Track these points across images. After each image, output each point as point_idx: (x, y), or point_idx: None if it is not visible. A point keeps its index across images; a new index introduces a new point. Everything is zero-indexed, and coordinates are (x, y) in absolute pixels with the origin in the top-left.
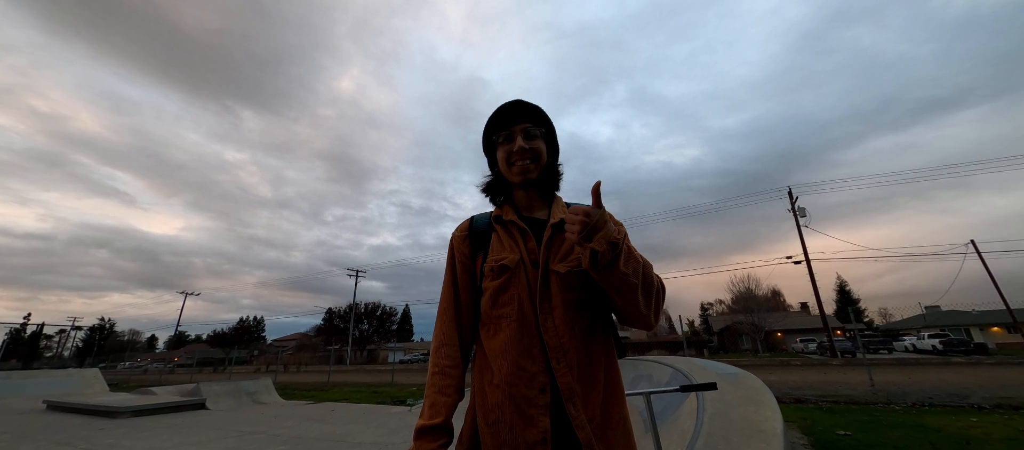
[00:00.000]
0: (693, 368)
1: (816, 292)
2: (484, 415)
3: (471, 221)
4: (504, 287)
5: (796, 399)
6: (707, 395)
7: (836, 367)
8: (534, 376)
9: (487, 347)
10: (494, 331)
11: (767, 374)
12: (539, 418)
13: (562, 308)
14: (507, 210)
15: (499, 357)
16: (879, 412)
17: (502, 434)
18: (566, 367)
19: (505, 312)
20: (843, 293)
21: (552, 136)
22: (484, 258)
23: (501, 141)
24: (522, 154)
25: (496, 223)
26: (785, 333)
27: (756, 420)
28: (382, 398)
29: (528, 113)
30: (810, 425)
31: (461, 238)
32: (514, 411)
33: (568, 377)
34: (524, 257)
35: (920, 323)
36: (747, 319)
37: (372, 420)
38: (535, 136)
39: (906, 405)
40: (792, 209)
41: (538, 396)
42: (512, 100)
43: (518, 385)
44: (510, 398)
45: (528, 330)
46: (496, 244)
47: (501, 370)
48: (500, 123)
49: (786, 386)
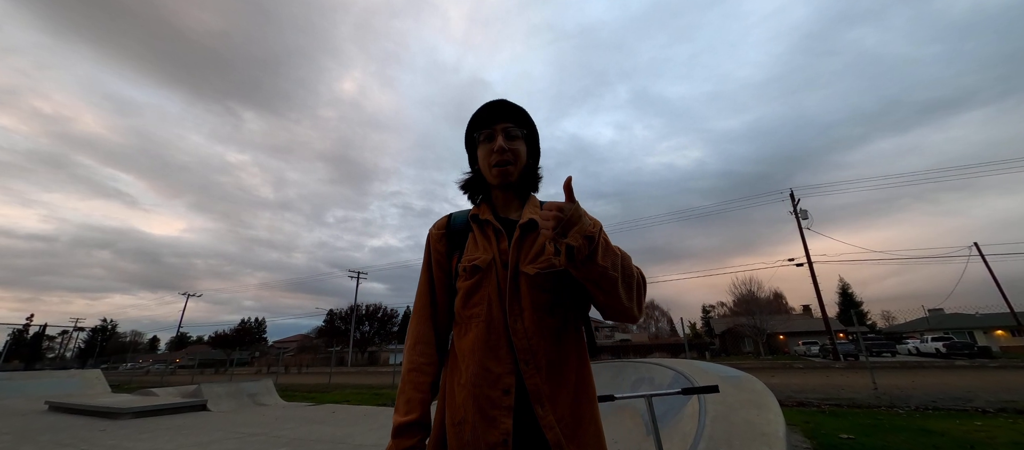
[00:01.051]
0: (695, 371)
1: (818, 294)
2: (451, 415)
3: (449, 219)
4: (475, 288)
5: (798, 402)
6: (709, 398)
7: (839, 370)
8: (499, 377)
9: (457, 347)
10: (464, 331)
11: (769, 377)
12: (501, 419)
13: (531, 310)
14: (484, 209)
15: (467, 358)
16: (882, 416)
17: (465, 435)
18: (534, 368)
19: (475, 312)
20: (846, 296)
21: (534, 138)
22: (459, 257)
23: (482, 139)
24: (501, 154)
25: (473, 221)
26: (787, 336)
27: (758, 423)
28: (383, 400)
29: (510, 113)
30: (813, 428)
31: (438, 236)
32: (477, 412)
33: (536, 379)
34: (496, 258)
35: (923, 326)
36: (749, 321)
37: (373, 422)
38: (516, 137)
39: (909, 409)
40: (794, 211)
41: (502, 397)
42: (495, 99)
43: (482, 386)
44: (474, 399)
45: (496, 331)
46: (471, 244)
47: (468, 370)
48: (482, 121)
49: (788, 389)
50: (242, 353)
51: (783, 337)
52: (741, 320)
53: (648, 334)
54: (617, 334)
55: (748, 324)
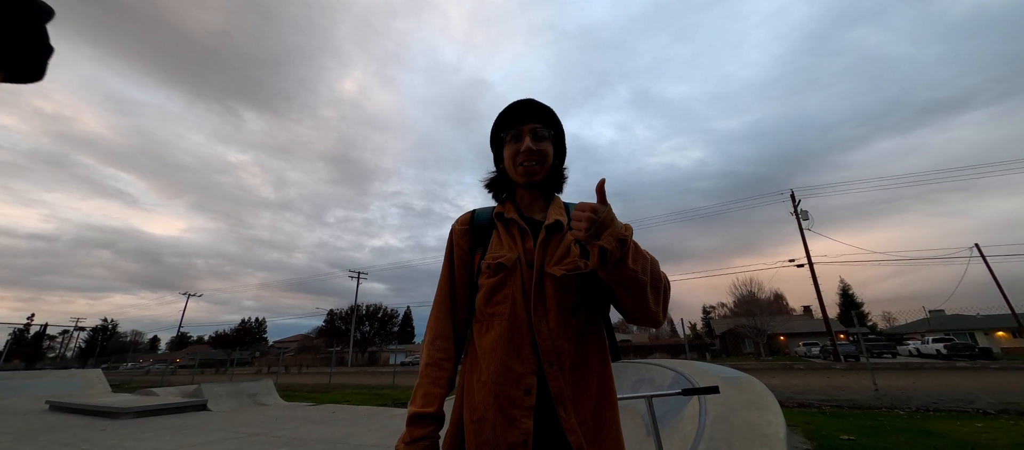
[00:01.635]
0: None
1: (819, 295)
2: (470, 412)
3: (472, 215)
4: (499, 285)
5: (799, 403)
6: (709, 399)
7: (839, 371)
8: (521, 377)
9: (478, 344)
10: (486, 328)
11: (770, 378)
12: (522, 420)
13: (557, 311)
14: (509, 207)
15: (488, 355)
16: (883, 417)
17: (485, 433)
18: (558, 370)
19: (498, 310)
20: (846, 297)
21: (560, 139)
22: (483, 254)
23: (509, 139)
24: (529, 155)
25: (498, 220)
26: (788, 337)
27: (759, 424)
28: (383, 400)
29: (539, 114)
30: (813, 429)
31: (461, 232)
32: (498, 411)
33: (560, 381)
34: (521, 257)
35: (924, 327)
36: (749, 322)
37: (373, 422)
38: (543, 137)
39: (910, 410)
40: (795, 212)
41: (523, 397)
42: (524, 99)
43: (504, 385)
44: (495, 397)
45: (519, 331)
46: (495, 241)
47: (489, 368)
48: (510, 121)
49: (789, 390)
50: (242, 353)
51: (784, 338)
52: (741, 321)
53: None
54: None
55: (748, 325)
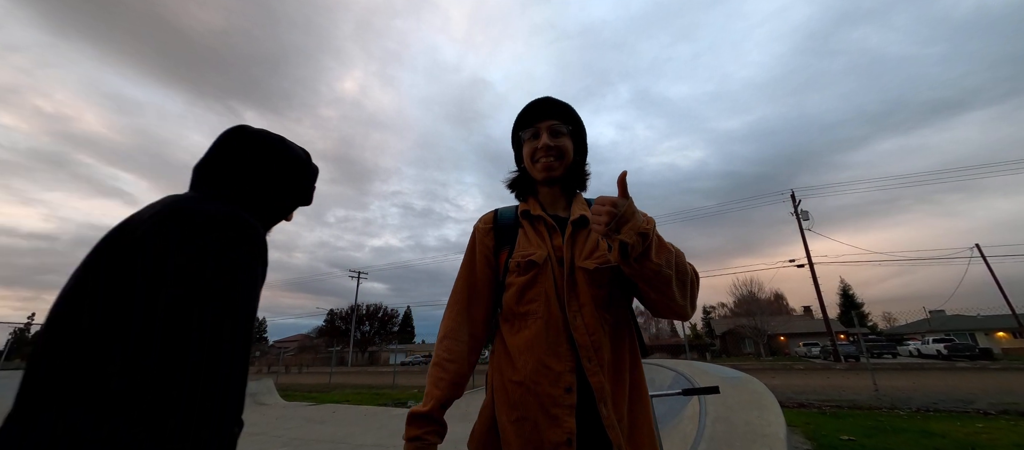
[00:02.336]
0: (695, 372)
1: (819, 296)
2: (507, 412)
3: (496, 214)
4: (531, 283)
5: (799, 404)
6: (709, 399)
7: (839, 371)
8: (560, 375)
9: (510, 343)
10: (518, 327)
11: (770, 378)
12: (565, 418)
13: (591, 306)
14: (534, 205)
15: (523, 354)
16: (883, 417)
17: (526, 431)
18: (598, 366)
19: (532, 309)
20: (847, 297)
21: (581, 135)
22: (510, 253)
23: (528, 137)
24: (546, 151)
25: (523, 218)
26: (788, 337)
27: (759, 424)
28: (383, 400)
29: (556, 110)
30: (814, 430)
31: (485, 230)
32: (539, 409)
33: (600, 376)
34: (551, 254)
35: (925, 327)
36: (750, 322)
37: (373, 422)
38: (561, 133)
39: (911, 410)
40: (795, 212)
41: (564, 396)
42: (541, 97)
43: (543, 384)
44: (535, 396)
45: (555, 328)
46: (523, 239)
47: (525, 367)
48: (528, 119)
49: (789, 390)
50: None
51: (784, 338)
52: (742, 321)
53: (648, 335)
54: None
55: (749, 325)
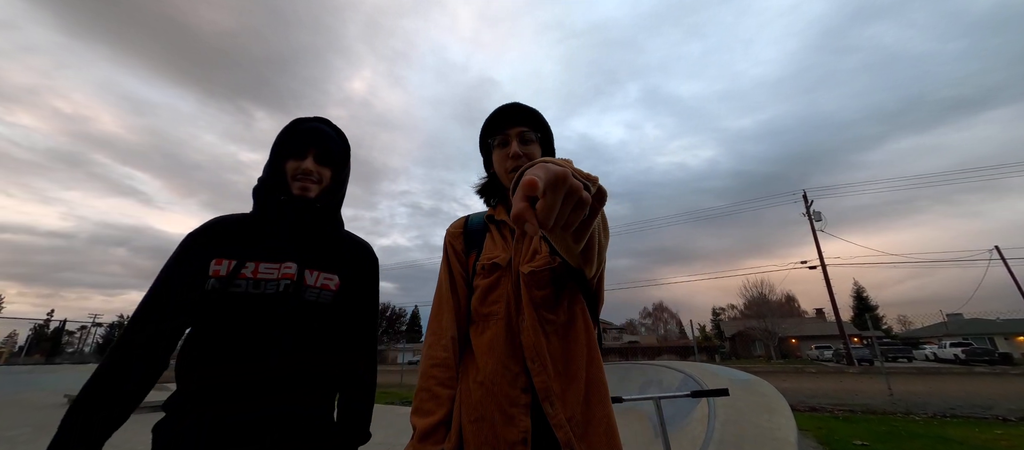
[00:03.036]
0: (704, 374)
1: (832, 298)
2: (467, 413)
3: (466, 220)
4: (493, 286)
5: (811, 407)
6: (719, 401)
7: (853, 375)
8: (517, 376)
9: (475, 345)
10: (482, 329)
11: (781, 381)
12: (520, 418)
13: (530, 307)
14: (501, 210)
15: (485, 355)
16: (898, 422)
17: (484, 432)
18: (540, 366)
19: (493, 311)
20: (860, 299)
21: (548, 140)
22: (477, 256)
23: (496, 144)
24: (516, 159)
25: (490, 222)
26: (799, 340)
27: (769, 428)
28: (391, 398)
29: (524, 117)
30: (826, 434)
31: (455, 234)
32: (496, 410)
33: (543, 376)
34: (513, 258)
35: (942, 331)
36: (760, 325)
37: (381, 420)
38: (530, 141)
39: (927, 415)
40: (807, 213)
41: (520, 395)
42: (509, 103)
43: (502, 384)
44: (493, 397)
45: (512, 330)
46: (489, 243)
47: (486, 368)
48: (496, 126)
49: (800, 394)
50: None
51: (795, 341)
52: (752, 323)
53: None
54: (625, 336)
55: (759, 327)
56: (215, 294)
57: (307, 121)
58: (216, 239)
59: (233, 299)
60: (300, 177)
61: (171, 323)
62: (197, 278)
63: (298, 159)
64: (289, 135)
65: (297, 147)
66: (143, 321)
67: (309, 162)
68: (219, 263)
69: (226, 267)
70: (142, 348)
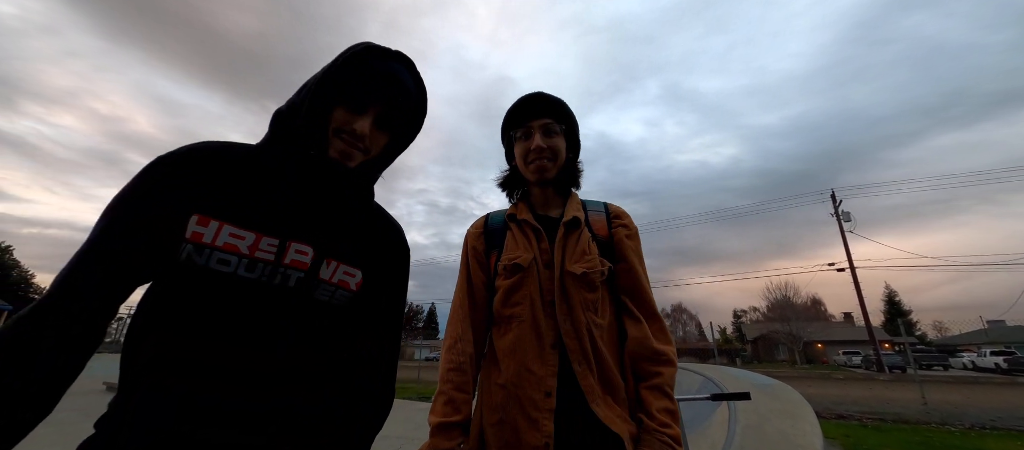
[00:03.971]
0: (725, 377)
1: (861, 302)
2: (488, 415)
3: (486, 219)
4: (516, 286)
5: (838, 415)
6: (740, 406)
7: (883, 382)
8: (541, 380)
9: (497, 346)
10: (504, 330)
11: (806, 387)
12: (543, 422)
13: (580, 309)
14: (522, 208)
15: (507, 357)
16: (933, 433)
17: (505, 435)
18: (587, 369)
19: (516, 312)
20: (892, 304)
21: (573, 132)
22: (498, 256)
23: (519, 137)
24: (540, 153)
25: (511, 221)
26: (826, 344)
27: (793, 434)
28: (409, 393)
29: (549, 108)
30: (854, 443)
31: (476, 235)
32: (519, 413)
33: (590, 379)
34: (537, 257)
35: (981, 338)
36: (784, 328)
37: (399, 414)
38: (554, 133)
39: (964, 427)
40: (835, 213)
41: (544, 400)
42: (532, 93)
43: (524, 387)
44: (515, 400)
45: (539, 332)
46: (510, 242)
47: (508, 370)
48: (519, 117)
49: (827, 400)
50: None
51: (821, 346)
52: (775, 326)
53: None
54: None
55: (783, 331)
56: (189, 270)
57: (382, 58)
58: (201, 180)
59: (215, 282)
60: (346, 137)
61: (111, 291)
62: (164, 235)
63: (352, 112)
64: (352, 72)
65: (357, 95)
66: (74, 288)
67: (365, 123)
68: (203, 223)
69: (212, 232)
70: (65, 325)
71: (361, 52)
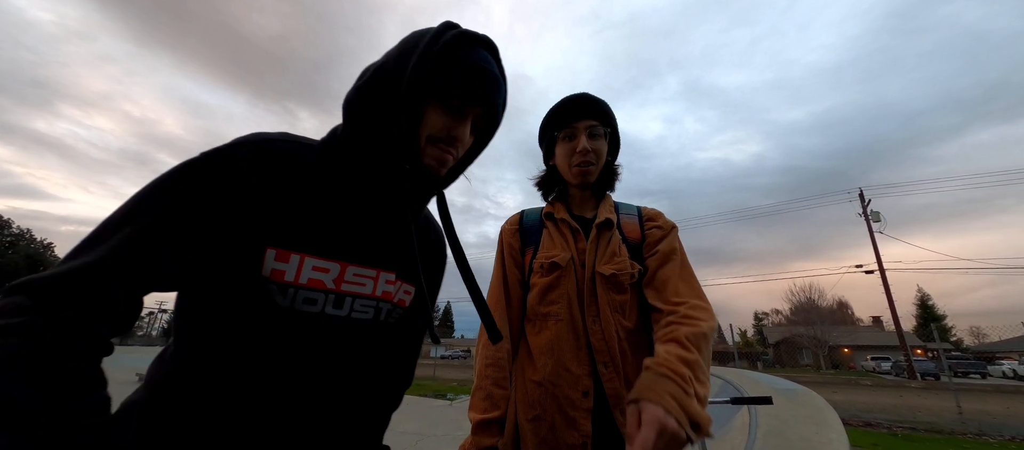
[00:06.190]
0: (745, 381)
1: (891, 305)
2: (525, 410)
3: (521, 215)
4: (553, 285)
5: (866, 423)
6: (761, 410)
7: (915, 390)
8: (578, 379)
9: (532, 343)
10: (540, 328)
11: (831, 393)
12: (582, 422)
13: (608, 311)
14: (559, 207)
15: (544, 355)
16: (969, 444)
17: (542, 432)
18: (614, 372)
19: (553, 310)
20: (925, 308)
21: (615, 136)
22: (534, 253)
23: (562, 137)
24: (585, 155)
25: (547, 219)
26: (853, 349)
27: (817, 442)
28: (424, 391)
29: (594, 110)
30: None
31: (511, 232)
32: (557, 411)
33: (615, 383)
34: (575, 256)
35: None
36: (808, 332)
37: (415, 411)
38: (599, 135)
39: (1003, 438)
40: (863, 213)
41: (581, 399)
42: (579, 93)
43: (562, 386)
44: (553, 397)
45: (575, 331)
46: (547, 240)
47: (545, 368)
48: (563, 117)
49: (854, 407)
50: None
51: (848, 350)
52: (799, 330)
53: None
54: None
55: (807, 334)
56: (270, 312)
57: (472, 45)
58: (267, 195)
59: (300, 323)
60: (443, 145)
61: (116, 320)
62: (221, 264)
63: (451, 116)
64: (454, 65)
65: (454, 95)
66: (78, 304)
67: (466, 129)
68: (283, 257)
69: (294, 268)
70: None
71: (458, 38)
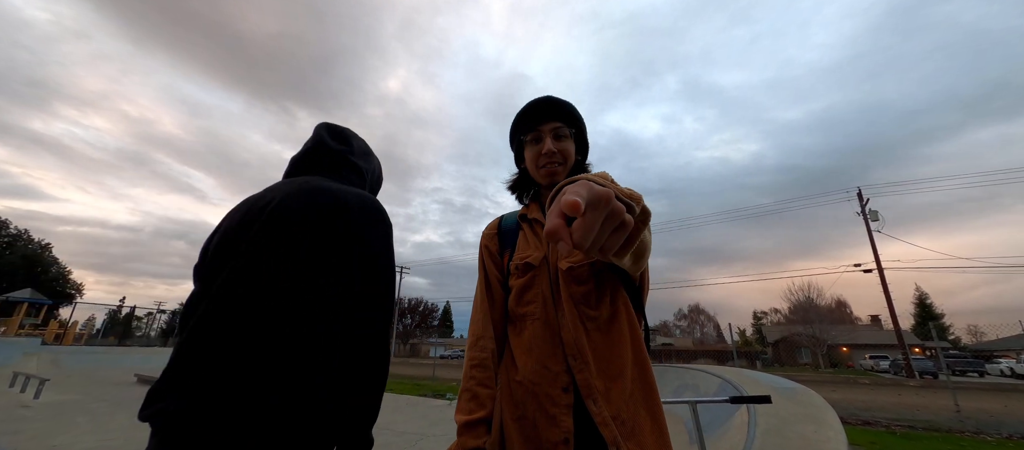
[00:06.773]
0: (744, 380)
1: (890, 304)
2: (510, 410)
3: (500, 220)
4: (529, 285)
5: (864, 421)
6: (760, 409)
7: (913, 388)
8: (557, 375)
9: (513, 344)
10: (520, 328)
11: (830, 391)
12: (562, 418)
13: (570, 303)
14: (533, 208)
15: (524, 354)
16: (967, 442)
17: (526, 430)
18: (582, 363)
19: (529, 311)
20: (923, 306)
21: (582, 135)
22: (511, 256)
23: (529, 140)
24: (550, 157)
25: (523, 221)
26: (852, 348)
27: (816, 440)
28: (424, 390)
29: (558, 112)
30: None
31: (490, 236)
32: (538, 409)
33: (585, 374)
34: (548, 255)
35: (1021, 344)
36: (807, 331)
37: (414, 411)
38: (564, 137)
39: (1001, 436)
40: (861, 212)
41: (561, 395)
42: (542, 97)
43: (542, 384)
44: (534, 396)
45: (552, 329)
46: (522, 242)
47: (526, 367)
48: (529, 121)
49: (852, 406)
50: None
51: (846, 349)
52: (797, 329)
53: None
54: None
55: (806, 333)
56: None
57: None
58: None
59: None
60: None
61: None
62: None
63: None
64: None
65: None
66: None
67: None
68: None
69: None
70: None
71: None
